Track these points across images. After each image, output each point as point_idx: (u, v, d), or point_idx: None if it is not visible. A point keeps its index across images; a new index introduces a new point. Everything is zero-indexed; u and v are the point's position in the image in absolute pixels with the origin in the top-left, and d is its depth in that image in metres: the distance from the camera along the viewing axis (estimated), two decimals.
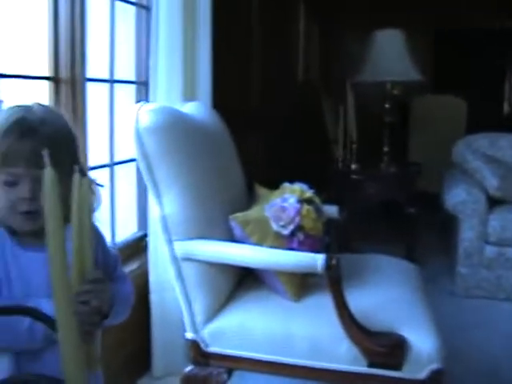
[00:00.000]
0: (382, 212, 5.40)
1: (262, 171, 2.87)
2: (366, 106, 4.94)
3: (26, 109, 1.44)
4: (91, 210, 1.29)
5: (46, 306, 1.27)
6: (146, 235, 2.98)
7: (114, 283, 1.49)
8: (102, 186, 2.78)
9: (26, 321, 1.29)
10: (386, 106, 4.57)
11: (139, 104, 2.13)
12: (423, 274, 2.74)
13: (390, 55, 4.49)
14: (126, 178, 3.07)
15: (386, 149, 4.53)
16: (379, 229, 5.04)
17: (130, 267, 2.83)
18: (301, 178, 2.45)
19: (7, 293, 1.38)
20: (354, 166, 4.42)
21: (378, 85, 4.62)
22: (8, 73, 2.23)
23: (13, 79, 2.31)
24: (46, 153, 0.95)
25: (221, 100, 3.12)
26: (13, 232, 1.43)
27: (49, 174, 0.69)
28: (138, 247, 3.01)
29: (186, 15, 2.78)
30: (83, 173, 1.43)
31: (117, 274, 1.60)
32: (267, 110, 4.62)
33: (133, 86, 3.11)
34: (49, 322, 0.95)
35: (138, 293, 2.55)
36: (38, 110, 1.45)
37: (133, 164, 3.11)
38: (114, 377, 2.35)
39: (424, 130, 6.38)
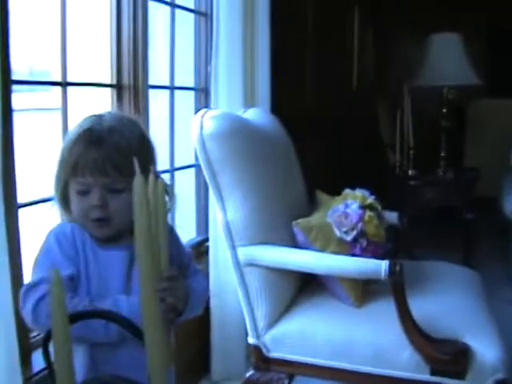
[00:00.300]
0: (439, 218, 5.34)
1: (316, 177, 2.87)
2: (421, 110, 4.88)
3: (97, 118, 1.48)
4: (166, 211, 1.29)
5: (124, 304, 1.35)
6: (205, 240, 3.01)
7: (188, 280, 1.51)
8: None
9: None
10: (444, 110, 4.51)
11: (202, 110, 2.15)
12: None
13: (448, 60, 4.43)
14: (186, 183, 3.10)
15: (442, 154, 4.47)
16: (437, 235, 4.98)
17: None
18: (356, 183, 2.44)
19: (85, 289, 1.41)
20: (411, 172, 4.38)
21: (435, 89, 4.56)
22: (73, 81, 2.28)
23: (78, 87, 2.36)
24: (135, 160, 0.96)
25: (278, 106, 3.13)
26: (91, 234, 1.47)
27: (138, 179, 0.70)
28: (197, 252, 3.03)
29: (245, 23, 2.81)
30: (157, 176, 1.47)
31: (190, 271, 1.62)
32: (322, 115, 4.61)
33: (191, 93, 3.15)
34: (123, 322, 0.96)
35: None
36: (108, 118, 1.49)
37: (192, 170, 3.14)
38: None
39: (480, 134, 6.28)
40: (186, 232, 3.09)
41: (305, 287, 2.37)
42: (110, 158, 1.40)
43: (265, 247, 2.14)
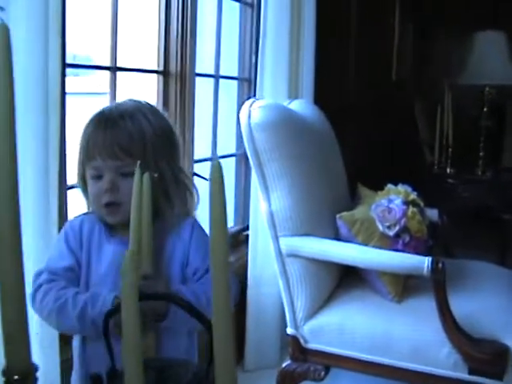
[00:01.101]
0: (476, 217, 5.29)
1: (353, 170, 2.86)
2: (461, 108, 4.83)
3: (115, 103, 1.51)
4: (149, 207, 1.27)
5: (99, 300, 1.33)
6: (243, 229, 3.02)
7: (190, 283, 1.44)
8: (206, 179, 2.86)
9: (77, 308, 1.33)
10: (484, 109, 4.47)
11: (250, 100, 2.16)
12: None
13: (491, 58, 4.38)
14: (225, 172, 3.10)
15: (481, 153, 4.43)
16: (473, 234, 4.94)
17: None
18: (391, 179, 2.43)
19: (85, 280, 1.43)
20: (449, 170, 4.34)
21: (476, 88, 4.52)
22: (122, 66, 2.30)
23: (126, 72, 2.38)
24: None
25: (320, 98, 3.13)
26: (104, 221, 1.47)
27: (215, 163, 0.71)
28: (235, 241, 3.05)
29: (292, 15, 2.81)
30: (180, 171, 1.50)
31: (199, 276, 1.46)
32: (361, 109, 4.59)
33: (234, 83, 3.15)
34: (189, 308, 0.97)
35: None
36: (125, 104, 1.47)
37: (232, 159, 3.15)
38: None
39: None
40: None
41: (343, 280, 2.37)
42: (119, 140, 1.38)
43: (308, 238, 2.14)
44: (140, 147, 1.40)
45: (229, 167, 3.14)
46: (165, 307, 1.30)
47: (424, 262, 1.99)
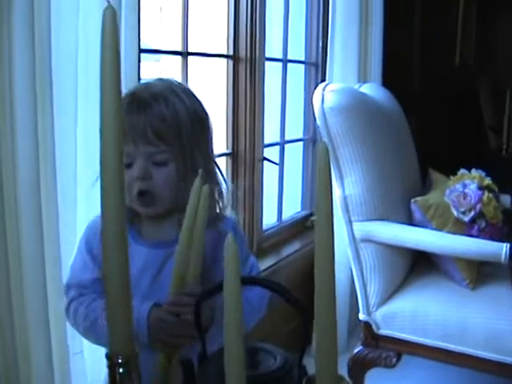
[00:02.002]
0: None
1: (422, 155, 2.82)
2: None
3: (145, 84, 1.36)
4: (205, 218, 1.14)
5: (139, 310, 1.22)
6: (310, 214, 3.01)
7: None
8: (276, 164, 2.85)
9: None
10: None
11: (323, 84, 2.14)
12: None
13: None
14: (292, 157, 3.10)
15: None
16: None
17: (294, 247, 2.87)
18: (459, 164, 2.38)
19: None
20: None
21: None
22: (193, 51, 2.31)
23: (197, 57, 2.39)
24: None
25: (387, 83, 3.09)
26: (132, 220, 1.35)
27: (321, 146, 0.69)
28: (301, 227, 3.04)
29: (361, 1, 2.78)
30: (209, 174, 1.32)
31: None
32: (426, 94, 4.53)
33: (300, 67, 3.13)
34: (288, 296, 0.95)
35: (301, 272, 2.60)
36: (156, 85, 1.34)
37: (299, 144, 3.14)
38: None
39: None
40: (291, 206, 3.10)
41: (416, 266, 2.34)
42: (152, 124, 1.27)
43: (382, 223, 2.12)
44: (175, 132, 1.29)
45: (296, 152, 3.12)
46: (207, 320, 1.17)
47: (502, 249, 1.95)
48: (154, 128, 1.27)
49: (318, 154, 0.68)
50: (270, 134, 2.82)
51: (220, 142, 2.50)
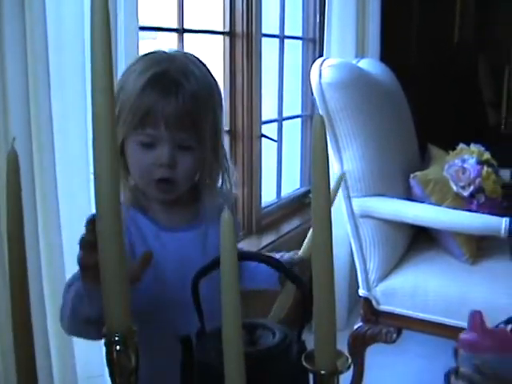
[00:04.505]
0: None
1: (420, 130, 2.81)
2: None
3: (168, 56, 1.20)
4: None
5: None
6: (309, 191, 3.00)
7: None
8: (275, 140, 2.84)
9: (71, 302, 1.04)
10: None
11: (320, 59, 2.12)
12: None
13: None
14: (290, 133, 3.09)
15: None
16: None
17: (293, 224, 2.86)
18: (458, 139, 2.37)
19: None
20: None
21: None
22: (189, 27, 2.29)
23: (193, 34, 2.37)
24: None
25: (385, 58, 3.07)
26: (145, 210, 1.24)
27: (317, 118, 0.68)
28: (300, 204, 3.03)
29: None
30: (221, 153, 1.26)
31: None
32: (424, 70, 4.51)
33: (298, 43, 3.11)
34: (287, 272, 0.94)
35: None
36: (179, 57, 1.21)
37: (297, 120, 3.12)
38: None
39: None
40: (290, 183, 3.09)
41: (415, 241, 2.34)
42: (189, 108, 1.15)
43: (381, 199, 2.11)
44: (205, 111, 1.18)
45: (294, 128, 3.11)
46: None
47: (501, 223, 1.95)
48: (191, 113, 1.16)
49: (314, 126, 0.67)
50: (268, 110, 2.80)
51: None
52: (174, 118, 1.13)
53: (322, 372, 0.69)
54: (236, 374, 0.66)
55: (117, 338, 0.65)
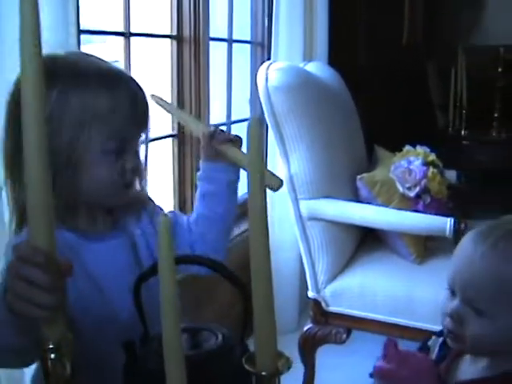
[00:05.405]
0: (492, 178, 5.25)
1: (367, 132, 2.85)
2: (475, 69, 4.78)
3: (104, 62, 1.13)
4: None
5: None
6: None
7: None
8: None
9: None
10: (499, 70, 4.41)
11: (267, 62, 2.13)
12: None
13: (505, 18, 4.33)
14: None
15: (496, 114, 4.39)
16: (490, 195, 4.91)
17: (243, 227, 2.86)
18: (405, 141, 2.41)
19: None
20: (464, 132, 4.31)
21: (490, 48, 4.47)
22: (135, 31, 2.27)
23: (139, 37, 2.35)
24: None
25: (333, 61, 3.10)
26: (76, 225, 1.14)
27: (254, 121, 0.68)
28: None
29: None
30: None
31: None
32: (373, 72, 4.56)
33: (246, 46, 3.11)
34: (224, 272, 0.94)
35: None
36: (95, 58, 1.14)
37: (246, 124, 3.12)
38: None
39: None
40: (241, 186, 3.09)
41: (363, 242, 2.36)
42: (144, 103, 1.13)
43: (328, 201, 2.13)
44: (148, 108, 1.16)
45: (243, 132, 3.10)
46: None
47: (446, 223, 1.98)
48: (146, 107, 1.13)
49: (250, 127, 0.67)
50: (217, 114, 2.80)
51: (165, 124, 2.47)
52: (138, 117, 1.12)
53: (263, 373, 0.69)
54: (176, 377, 0.66)
55: (51, 346, 0.64)
